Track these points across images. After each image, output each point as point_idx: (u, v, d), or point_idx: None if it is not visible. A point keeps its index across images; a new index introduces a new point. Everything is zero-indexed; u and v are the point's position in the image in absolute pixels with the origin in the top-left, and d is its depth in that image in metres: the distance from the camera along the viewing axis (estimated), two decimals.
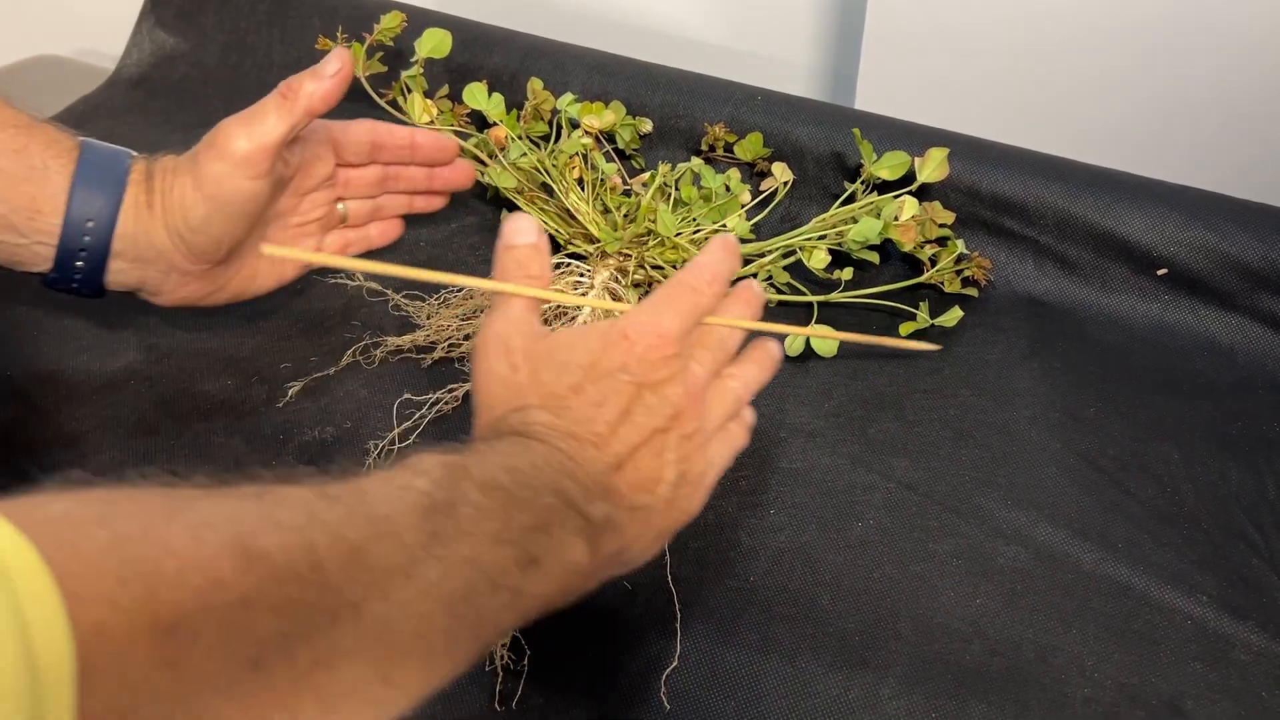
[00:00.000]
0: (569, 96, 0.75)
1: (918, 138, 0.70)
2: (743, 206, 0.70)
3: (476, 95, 0.72)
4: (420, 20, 0.77)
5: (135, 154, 0.55)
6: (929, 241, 0.66)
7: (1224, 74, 0.70)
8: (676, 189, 0.70)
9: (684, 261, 0.67)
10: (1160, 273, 0.67)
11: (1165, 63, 0.71)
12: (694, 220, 0.68)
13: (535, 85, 0.75)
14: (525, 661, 0.50)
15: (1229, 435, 0.61)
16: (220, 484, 0.32)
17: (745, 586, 0.53)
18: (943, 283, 0.67)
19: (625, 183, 0.72)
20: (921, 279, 0.67)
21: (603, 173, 0.70)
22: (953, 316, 0.65)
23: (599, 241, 0.66)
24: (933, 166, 0.67)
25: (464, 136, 0.73)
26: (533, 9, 0.97)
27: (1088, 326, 0.67)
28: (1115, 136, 0.76)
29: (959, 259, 0.67)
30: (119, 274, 0.54)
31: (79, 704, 0.24)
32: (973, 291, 0.68)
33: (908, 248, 0.65)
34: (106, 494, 0.29)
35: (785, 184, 0.72)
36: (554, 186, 0.69)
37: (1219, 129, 0.73)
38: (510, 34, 0.82)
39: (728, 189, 0.70)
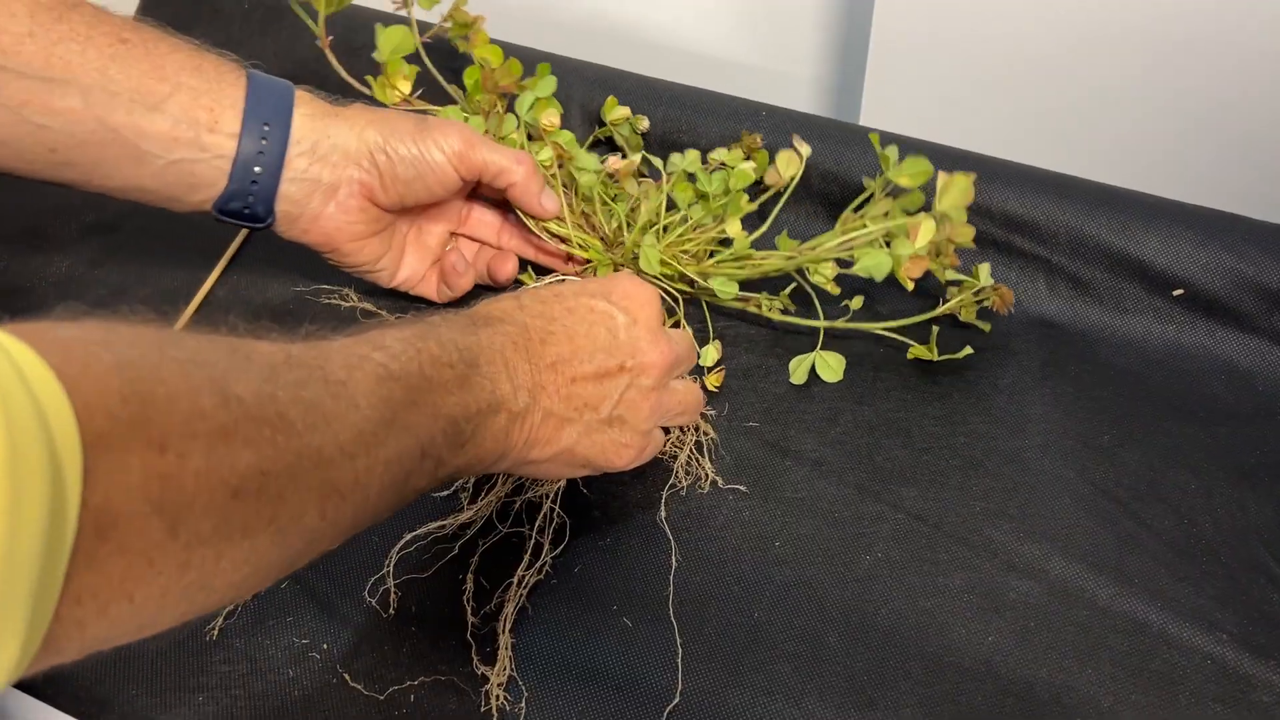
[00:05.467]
0: (526, 99, 0.69)
1: (925, 154, 0.68)
2: (745, 204, 0.66)
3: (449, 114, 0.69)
4: None
5: None
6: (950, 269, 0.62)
7: (1241, 92, 0.69)
8: (669, 199, 0.66)
9: (676, 276, 0.64)
10: (1176, 293, 0.65)
11: (1179, 80, 0.70)
12: (687, 223, 0.65)
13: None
14: (522, 704, 0.48)
15: (1248, 464, 0.59)
16: (199, 331, 0.36)
17: (749, 622, 0.52)
18: (958, 312, 0.64)
19: (615, 178, 0.68)
20: (936, 313, 0.63)
21: (584, 185, 0.65)
22: (962, 354, 0.62)
23: (590, 262, 0.64)
24: (955, 195, 0.58)
25: None
26: (532, 22, 0.96)
27: (1101, 349, 0.65)
28: (1129, 154, 0.74)
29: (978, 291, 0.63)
30: (292, 181, 0.56)
31: (83, 498, 0.27)
32: (985, 326, 0.65)
33: (911, 285, 0.61)
34: (106, 323, 0.32)
35: (792, 179, 0.68)
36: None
37: (1236, 147, 0.71)
38: (510, 48, 0.80)
39: (727, 190, 0.66)
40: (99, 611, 0.28)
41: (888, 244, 0.60)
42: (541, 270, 0.67)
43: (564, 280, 0.59)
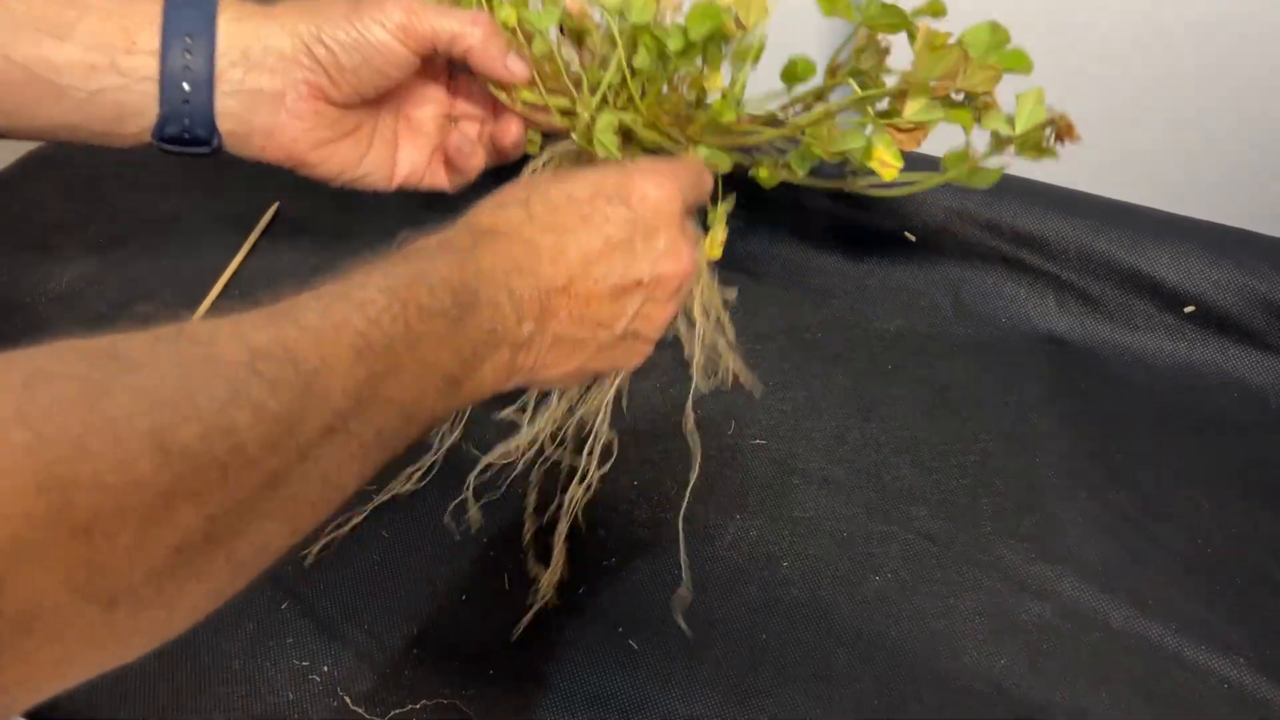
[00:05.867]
0: None
1: (928, 168, 0.67)
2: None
3: None
4: None
5: None
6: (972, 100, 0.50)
7: (1253, 106, 0.68)
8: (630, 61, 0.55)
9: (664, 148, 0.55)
10: (1187, 310, 0.64)
11: (1190, 94, 0.69)
12: (657, 81, 0.55)
13: None
14: None
15: (1260, 481, 0.59)
16: (149, 334, 0.31)
17: (757, 644, 0.51)
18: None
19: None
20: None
21: (538, 54, 0.55)
22: (999, 170, 0.52)
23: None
24: (930, 64, 0.48)
25: None
26: None
27: (1111, 366, 0.65)
28: (1139, 169, 0.74)
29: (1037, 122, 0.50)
30: (230, 95, 0.50)
31: None
32: (1052, 153, 0.52)
33: (892, 175, 0.50)
34: (24, 377, 0.27)
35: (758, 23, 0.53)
36: None
37: (1248, 162, 0.70)
38: None
39: (689, 43, 0.53)
40: (31, 693, 0.27)
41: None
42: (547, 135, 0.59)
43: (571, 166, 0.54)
